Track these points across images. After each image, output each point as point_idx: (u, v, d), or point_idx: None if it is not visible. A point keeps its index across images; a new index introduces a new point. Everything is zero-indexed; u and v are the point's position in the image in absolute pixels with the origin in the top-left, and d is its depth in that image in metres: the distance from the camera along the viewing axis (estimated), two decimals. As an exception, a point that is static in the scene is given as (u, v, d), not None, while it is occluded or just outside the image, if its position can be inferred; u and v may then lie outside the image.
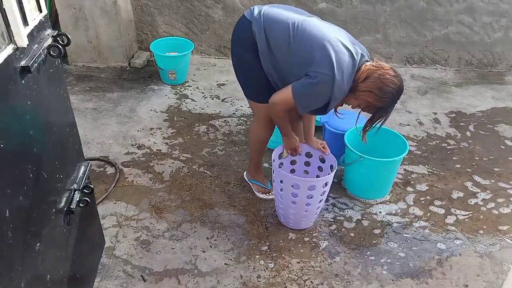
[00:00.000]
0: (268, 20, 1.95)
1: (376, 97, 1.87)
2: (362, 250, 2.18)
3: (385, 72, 1.86)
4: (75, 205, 1.51)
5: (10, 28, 1.13)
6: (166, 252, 2.14)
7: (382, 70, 1.86)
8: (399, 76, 1.89)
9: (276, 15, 1.96)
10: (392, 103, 1.91)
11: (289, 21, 1.93)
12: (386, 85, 1.84)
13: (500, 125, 3.21)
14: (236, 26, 2.08)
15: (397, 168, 2.47)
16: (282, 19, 1.95)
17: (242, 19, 2.04)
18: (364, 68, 1.88)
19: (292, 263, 2.10)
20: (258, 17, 1.97)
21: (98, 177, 2.58)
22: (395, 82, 1.86)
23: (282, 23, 1.93)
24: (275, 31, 1.94)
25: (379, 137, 2.53)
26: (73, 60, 3.81)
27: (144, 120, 3.13)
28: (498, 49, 3.90)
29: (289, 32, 1.91)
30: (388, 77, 1.85)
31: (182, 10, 3.84)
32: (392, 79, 1.86)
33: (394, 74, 1.87)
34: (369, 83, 1.86)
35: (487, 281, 2.04)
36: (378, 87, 1.85)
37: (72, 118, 1.59)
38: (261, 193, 2.46)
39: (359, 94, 1.90)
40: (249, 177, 2.52)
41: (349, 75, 1.86)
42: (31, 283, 1.24)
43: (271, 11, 1.99)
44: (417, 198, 2.52)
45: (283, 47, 1.93)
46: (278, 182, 2.15)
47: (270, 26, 1.94)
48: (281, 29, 1.92)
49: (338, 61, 1.82)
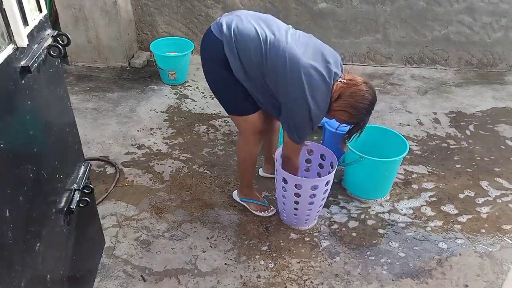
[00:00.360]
0: (239, 39, 1.86)
1: (350, 115, 1.89)
2: (362, 250, 2.18)
3: (357, 89, 1.85)
4: (75, 205, 1.51)
5: (10, 28, 1.13)
6: (166, 252, 2.13)
7: (353, 88, 1.85)
8: (371, 89, 1.88)
9: (247, 33, 1.86)
10: (366, 116, 1.92)
11: (261, 40, 1.84)
12: (358, 102, 1.85)
13: (500, 125, 3.21)
14: (206, 44, 1.96)
15: (397, 168, 2.47)
16: (253, 38, 1.85)
17: (210, 35, 1.92)
18: (336, 88, 1.87)
19: (292, 263, 2.10)
20: (228, 36, 1.86)
21: (98, 177, 2.58)
22: (367, 98, 1.86)
23: (255, 43, 1.85)
24: (247, 52, 1.86)
25: (379, 137, 2.54)
26: (73, 60, 3.81)
27: (144, 120, 3.13)
28: (498, 49, 3.90)
29: (262, 53, 1.84)
30: (360, 93, 1.85)
31: (182, 10, 3.84)
32: (364, 95, 1.85)
33: (366, 89, 1.86)
34: (341, 102, 1.87)
35: (487, 281, 2.04)
36: (351, 105, 1.86)
37: (72, 118, 1.59)
38: (259, 211, 2.36)
39: (334, 114, 1.93)
40: (242, 196, 2.39)
41: (325, 98, 1.87)
42: (31, 283, 1.24)
43: (242, 28, 1.87)
44: (417, 198, 2.52)
45: (257, 69, 1.88)
46: (281, 182, 2.15)
47: (242, 46, 1.85)
48: (254, 50, 1.85)
49: (312, 91, 1.81)
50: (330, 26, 3.78)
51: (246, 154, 2.21)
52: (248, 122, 2.06)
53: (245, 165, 2.26)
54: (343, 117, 1.91)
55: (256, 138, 2.13)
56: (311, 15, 3.74)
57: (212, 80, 2.04)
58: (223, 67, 1.92)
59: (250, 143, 2.15)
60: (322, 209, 2.35)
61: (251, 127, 2.08)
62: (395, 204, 2.47)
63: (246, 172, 2.29)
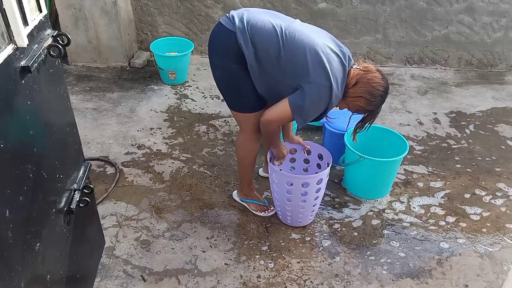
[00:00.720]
0: (253, 29, 1.86)
1: (367, 101, 1.91)
2: (362, 250, 2.18)
3: (374, 76, 1.89)
4: (75, 205, 1.51)
5: (10, 28, 1.13)
6: (166, 252, 2.13)
7: (370, 74, 1.89)
8: (385, 77, 1.93)
9: (260, 23, 1.87)
10: (381, 104, 1.95)
11: (276, 28, 1.85)
12: (376, 89, 1.88)
13: (500, 125, 3.21)
14: (216, 36, 1.95)
15: (397, 168, 2.47)
16: (267, 27, 1.86)
17: (221, 28, 1.91)
18: (353, 74, 1.90)
19: (292, 263, 2.10)
20: (241, 26, 1.86)
21: (98, 177, 2.58)
22: (383, 85, 1.90)
23: (269, 31, 1.85)
24: (263, 41, 1.85)
25: (379, 137, 2.54)
26: (73, 60, 3.81)
27: (144, 120, 3.13)
28: (498, 49, 3.90)
29: (278, 40, 1.84)
30: (377, 80, 1.89)
31: (182, 10, 3.84)
32: (381, 82, 1.89)
33: (382, 77, 1.91)
34: (359, 89, 1.89)
35: (487, 281, 2.04)
36: (369, 92, 1.88)
37: (72, 118, 1.59)
38: (259, 212, 2.35)
39: (350, 100, 1.94)
40: (242, 196, 2.39)
41: (342, 82, 1.89)
42: (31, 283, 1.24)
43: (253, 18, 1.88)
44: (417, 198, 2.52)
45: (273, 57, 1.86)
46: (273, 179, 2.15)
47: (257, 36, 1.85)
48: (268, 38, 1.85)
49: (332, 69, 1.83)
50: (330, 26, 3.78)
51: (245, 151, 2.20)
52: (250, 119, 2.06)
53: (245, 162, 2.25)
54: (360, 103, 1.92)
55: (257, 136, 2.14)
56: (311, 15, 3.74)
57: (221, 74, 2.01)
58: (234, 61, 1.91)
59: (251, 140, 2.15)
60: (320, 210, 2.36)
61: (252, 125, 2.08)
62: (395, 204, 2.47)
63: (245, 170, 2.29)
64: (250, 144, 2.17)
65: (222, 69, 1.98)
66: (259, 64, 1.89)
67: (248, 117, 2.06)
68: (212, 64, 2.01)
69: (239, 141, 2.21)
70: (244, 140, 2.17)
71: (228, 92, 2.05)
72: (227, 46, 1.90)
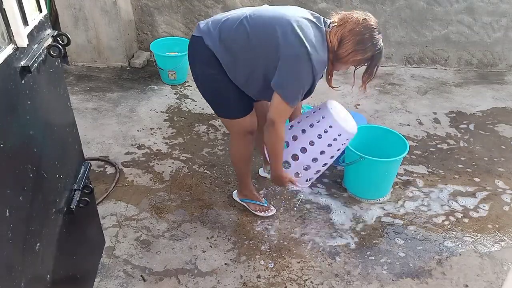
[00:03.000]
0: (218, 26, 1.85)
1: (362, 51, 1.75)
2: (362, 250, 2.18)
3: (354, 23, 1.73)
4: (75, 205, 1.51)
5: (10, 28, 1.13)
6: (166, 252, 2.14)
7: (349, 24, 1.74)
8: (367, 15, 1.76)
9: (225, 18, 1.87)
10: (378, 43, 1.77)
11: (240, 15, 1.83)
12: (362, 35, 1.73)
13: (500, 125, 3.21)
14: (189, 47, 1.96)
15: (397, 168, 2.47)
16: (232, 18, 1.85)
17: (192, 39, 1.94)
18: (332, 34, 1.77)
19: (292, 263, 2.10)
20: (205, 28, 1.87)
21: (98, 177, 2.58)
22: (369, 25, 1.74)
23: (233, 21, 1.83)
24: (229, 32, 1.83)
25: (379, 137, 2.54)
26: (73, 60, 3.81)
27: (144, 120, 3.13)
28: (498, 49, 3.90)
29: (243, 25, 1.80)
30: (359, 27, 1.73)
31: (182, 10, 3.84)
32: (364, 24, 1.73)
33: (362, 17, 1.74)
34: (346, 45, 1.74)
35: (487, 281, 2.04)
36: (357, 42, 1.73)
37: (72, 118, 1.59)
38: (259, 212, 2.34)
39: (345, 60, 1.79)
40: (242, 197, 2.38)
41: (322, 44, 1.76)
42: (31, 283, 1.24)
43: (218, 17, 1.90)
44: (417, 198, 2.52)
45: (243, 43, 1.81)
46: None
47: (223, 31, 1.84)
48: (234, 27, 1.82)
49: (305, 34, 1.73)
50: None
51: (239, 156, 2.20)
52: (239, 124, 2.04)
53: (240, 166, 2.26)
54: (357, 57, 1.77)
55: (247, 140, 2.11)
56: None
57: (203, 83, 2.00)
58: (210, 65, 1.89)
59: (242, 145, 2.13)
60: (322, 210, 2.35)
61: (242, 129, 2.06)
62: (395, 204, 2.47)
63: (242, 173, 2.29)
64: (242, 148, 2.15)
65: (202, 77, 1.98)
66: (232, 57, 1.84)
67: (237, 123, 2.03)
68: (193, 76, 2.00)
69: (232, 147, 2.21)
70: (237, 145, 2.16)
71: (213, 100, 2.04)
72: (199, 52, 1.90)
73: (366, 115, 2.73)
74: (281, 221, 2.33)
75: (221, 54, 1.85)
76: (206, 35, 1.86)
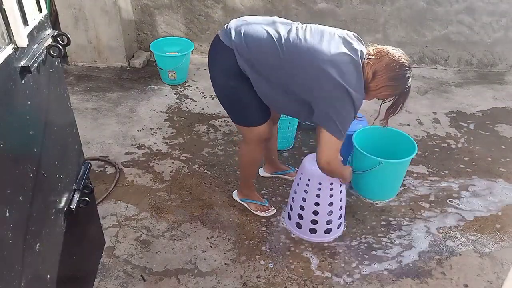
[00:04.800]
0: (251, 45, 1.80)
1: (394, 87, 1.79)
2: (362, 250, 2.18)
3: (390, 60, 1.75)
4: (75, 205, 1.51)
5: (10, 28, 1.13)
6: (166, 252, 2.14)
7: (385, 59, 1.76)
8: (402, 53, 1.79)
9: (254, 32, 1.81)
10: (408, 81, 1.80)
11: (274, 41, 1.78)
12: (396, 72, 1.75)
13: (500, 125, 3.21)
14: (216, 54, 1.90)
15: (405, 169, 2.45)
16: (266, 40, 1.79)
17: (218, 43, 1.87)
18: (368, 67, 1.77)
19: (292, 263, 2.10)
20: (238, 43, 1.81)
21: (98, 177, 2.58)
22: (403, 63, 1.76)
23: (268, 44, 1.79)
24: (263, 56, 1.80)
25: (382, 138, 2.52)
26: (73, 60, 3.81)
27: (144, 120, 3.13)
28: (498, 49, 3.90)
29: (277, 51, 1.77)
30: (395, 61, 1.75)
31: (182, 10, 3.84)
32: (399, 61, 1.76)
33: (398, 54, 1.77)
34: (380, 79, 1.77)
35: (487, 281, 2.04)
36: (391, 78, 1.76)
37: (72, 118, 1.59)
38: (260, 211, 2.35)
39: (375, 93, 1.82)
40: (242, 197, 2.39)
41: (358, 79, 1.77)
42: (31, 283, 1.24)
43: (248, 30, 1.82)
44: (417, 198, 2.52)
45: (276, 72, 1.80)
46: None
47: (256, 52, 1.80)
48: (268, 52, 1.79)
49: (342, 75, 1.72)
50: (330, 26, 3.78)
51: (249, 161, 2.22)
52: (256, 132, 2.04)
53: (248, 169, 2.28)
54: (388, 92, 1.81)
55: (261, 147, 2.14)
56: (311, 15, 3.74)
57: (223, 92, 1.99)
58: (235, 79, 1.87)
59: (255, 151, 2.15)
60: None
61: (258, 136, 2.06)
62: (395, 204, 2.47)
63: (248, 176, 2.32)
64: (253, 155, 2.17)
65: (223, 87, 1.97)
66: (262, 77, 1.84)
67: (254, 130, 2.03)
68: (212, 79, 1.98)
69: (243, 152, 2.21)
70: (248, 151, 2.16)
71: (232, 107, 2.03)
72: (226, 65, 1.87)
73: (366, 115, 2.72)
74: (281, 220, 2.33)
75: (250, 74, 1.84)
76: (238, 50, 1.81)
